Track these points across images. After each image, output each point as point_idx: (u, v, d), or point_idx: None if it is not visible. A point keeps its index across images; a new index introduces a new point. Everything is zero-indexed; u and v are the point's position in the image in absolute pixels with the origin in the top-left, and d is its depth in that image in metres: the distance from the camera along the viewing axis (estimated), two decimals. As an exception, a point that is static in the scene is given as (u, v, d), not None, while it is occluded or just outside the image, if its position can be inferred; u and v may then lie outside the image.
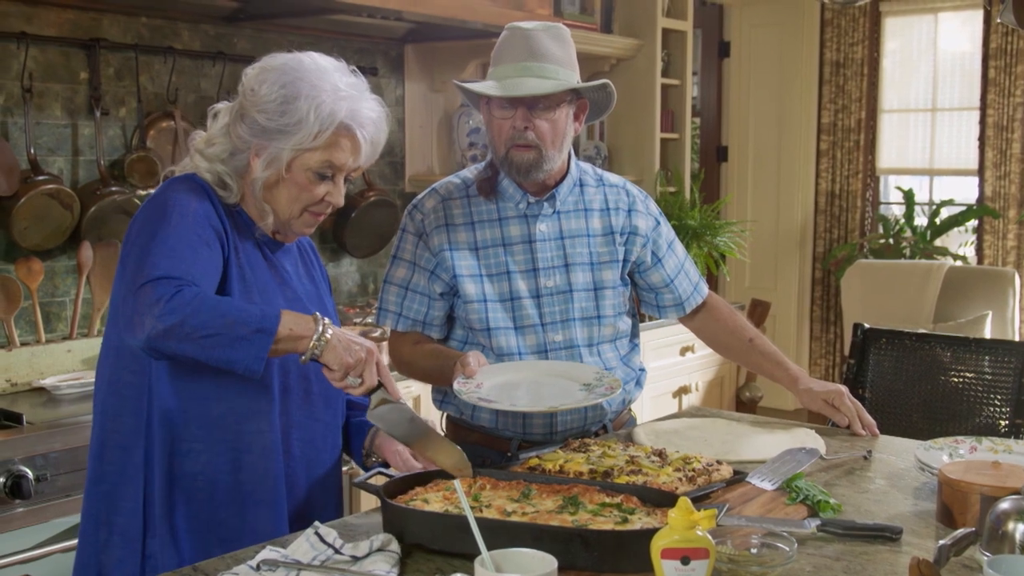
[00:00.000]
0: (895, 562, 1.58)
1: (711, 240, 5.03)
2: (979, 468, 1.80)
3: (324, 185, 1.86)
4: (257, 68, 1.86)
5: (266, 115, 1.81)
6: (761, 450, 2.15)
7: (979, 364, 2.81)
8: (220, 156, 1.85)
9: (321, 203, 1.88)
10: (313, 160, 1.83)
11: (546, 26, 2.25)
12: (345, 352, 1.70)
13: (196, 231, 1.74)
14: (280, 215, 1.87)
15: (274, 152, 1.81)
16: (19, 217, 3.09)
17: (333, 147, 1.83)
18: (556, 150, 2.25)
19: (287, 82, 1.81)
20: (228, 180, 1.85)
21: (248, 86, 1.85)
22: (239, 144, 1.84)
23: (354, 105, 1.83)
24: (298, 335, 1.68)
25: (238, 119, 1.85)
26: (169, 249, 1.69)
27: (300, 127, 1.79)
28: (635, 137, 5.26)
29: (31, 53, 3.16)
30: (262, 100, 1.81)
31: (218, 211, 1.82)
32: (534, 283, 2.30)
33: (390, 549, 1.57)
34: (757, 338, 2.52)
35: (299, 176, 1.83)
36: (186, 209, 1.76)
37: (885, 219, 6.40)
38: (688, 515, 1.39)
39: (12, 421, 2.78)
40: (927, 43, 6.33)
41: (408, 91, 4.33)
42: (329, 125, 1.80)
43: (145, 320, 1.62)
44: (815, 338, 6.68)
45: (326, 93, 1.80)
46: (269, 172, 1.83)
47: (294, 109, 1.79)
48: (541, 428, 2.30)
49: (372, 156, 1.92)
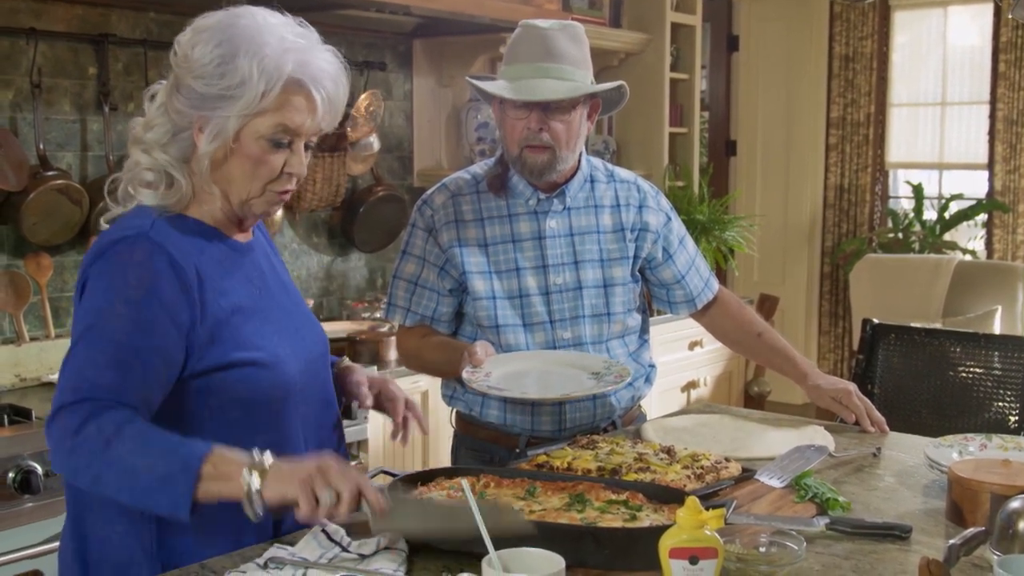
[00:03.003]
0: (905, 561, 1.58)
1: (719, 235, 5.02)
2: (989, 466, 1.79)
3: (280, 154, 1.64)
4: (189, 31, 1.64)
5: (203, 80, 1.59)
6: (770, 447, 2.15)
7: (988, 359, 2.80)
8: (161, 141, 1.64)
9: (281, 176, 1.66)
10: (264, 125, 1.61)
11: (562, 25, 2.23)
12: (293, 477, 1.47)
13: (142, 326, 1.55)
14: (235, 196, 1.66)
15: (219, 122, 1.60)
16: (28, 212, 3.10)
17: (285, 107, 1.61)
18: (570, 151, 2.24)
19: (223, 40, 1.59)
20: (174, 173, 1.64)
21: (181, 52, 1.63)
22: (179, 121, 1.62)
23: (303, 56, 1.61)
24: (224, 474, 1.47)
25: (174, 91, 1.63)
26: (97, 359, 1.53)
27: (243, 88, 1.58)
28: (644, 131, 5.25)
29: (40, 49, 3.16)
30: (196, 64, 1.59)
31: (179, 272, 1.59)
32: (543, 280, 2.29)
33: (398, 547, 1.57)
34: (766, 332, 2.51)
35: (250, 147, 1.62)
36: (130, 295, 1.56)
37: (894, 213, 6.38)
38: (696, 514, 1.38)
39: (22, 416, 2.79)
40: (937, 37, 6.30)
41: (416, 86, 4.32)
42: (276, 81, 1.58)
43: (57, 455, 1.53)
44: (824, 333, 6.67)
45: (269, 47, 1.59)
46: (215, 145, 1.61)
47: (234, 69, 1.57)
48: (550, 424, 2.30)
49: (334, 117, 1.68)
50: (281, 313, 1.77)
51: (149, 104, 1.68)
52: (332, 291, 4.13)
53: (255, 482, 1.47)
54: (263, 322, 1.71)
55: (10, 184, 3.07)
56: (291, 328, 1.78)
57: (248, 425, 1.67)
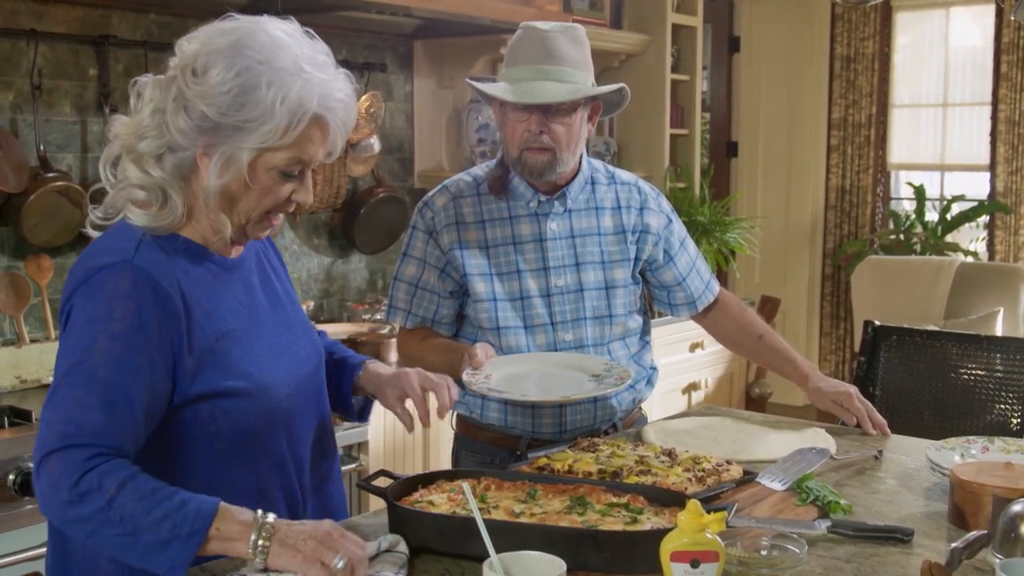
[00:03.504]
0: (906, 564, 1.57)
1: (720, 236, 5.02)
2: (991, 469, 1.78)
3: (290, 184, 1.59)
4: (197, 43, 1.54)
5: (217, 108, 1.50)
6: (771, 450, 2.14)
7: (990, 361, 2.79)
8: (154, 153, 1.53)
9: (286, 203, 1.61)
10: (278, 158, 1.55)
11: (563, 27, 2.23)
12: (300, 543, 1.43)
13: (128, 360, 1.48)
14: (236, 222, 1.59)
15: (229, 152, 1.52)
16: (29, 214, 3.10)
17: (303, 141, 1.55)
18: (571, 153, 2.23)
19: (243, 67, 1.51)
20: (170, 192, 1.55)
21: (187, 66, 1.53)
22: (180, 140, 1.53)
23: (325, 89, 1.55)
24: (228, 536, 1.43)
25: (179, 110, 1.52)
26: (84, 399, 1.45)
27: (263, 122, 1.50)
28: (645, 133, 5.24)
29: (40, 50, 3.16)
30: (212, 90, 1.50)
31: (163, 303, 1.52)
32: (544, 282, 2.29)
33: (398, 550, 1.56)
34: (767, 334, 2.51)
35: (262, 178, 1.55)
36: (115, 330, 1.48)
37: (896, 215, 6.38)
38: (698, 518, 1.37)
39: (21, 418, 2.78)
40: (938, 38, 6.30)
41: (417, 87, 4.32)
42: (300, 118, 1.52)
43: (50, 506, 1.46)
44: (825, 334, 6.66)
45: (291, 76, 1.51)
46: (228, 179, 1.54)
47: (254, 101, 1.50)
48: (550, 426, 2.30)
49: (342, 142, 1.64)
50: (272, 331, 1.71)
51: (136, 101, 1.56)
52: (333, 293, 4.13)
53: (259, 553, 1.43)
54: (251, 344, 1.65)
55: (10, 186, 3.06)
56: (281, 346, 1.71)
57: (235, 455, 1.63)
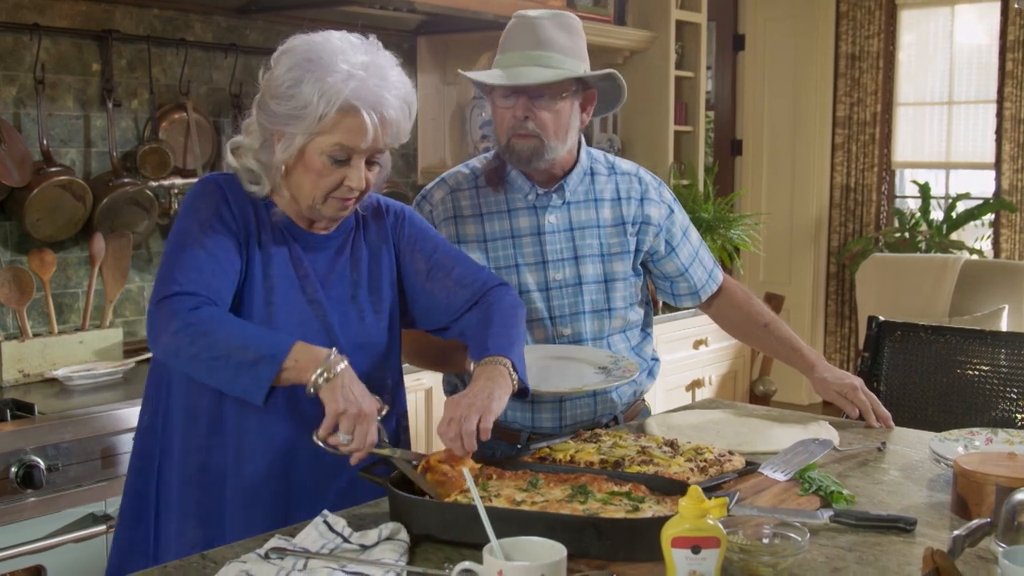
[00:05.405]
0: (909, 553, 1.56)
1: (725, 233, 5.01)
2: (995, 459, 1.78)
3: (341, 169, 1.81)
4: (279, 51, 1.84)
5: (277, 100, 1.79)
6: (774, 442, 2.13)
7: (995, 357, 2.78)
8: (252, 146, 1.85)
9: (342, 187, 1.83)
10: (325, 143, 1.79)
11: (553, 14, 2.22)
12: (341, 397, 1.67)
13: (215, 239, 1.78)
14: (303, 201, 1.85)
15: (289, 137, 1.79)
16: (32, 208, 3.10)
17: (339, 128, 1.78)
18: (559, 140, 2.21)
19: (295, 64, 1.78)
20: (260, 172, 1.85)
21: (267, 66, 1.85)
22: (264, 131, 1.84)
23: (363, 84, 1.77)
24: (303, 367, 1.68)
25: (259, 106, 1.85)
26: (189, 262, 1.75)
27: (306, 111, 1.76)
28: (648, 130, 5.24)
29: (44, 45, 3.16)
30: (274, 84, 1.80)
31: (234, 210, 1.83)
32: (543, 276, 2.28)
33: (399, 538, 1.56)
34: (773, 323, 2.49)
35: (314, 161, 1.80)
36: (204, 217, 1.80)
37: (901, 213, 6.36)
38: (699, 503, 1.37)
39: (24, 411, 2.78)
40: (943, 36, 6.29)
41: (420, 83, 4.32)
42: (331, 107, 1.76)
43: (160, 336, 1.72)
44: (830, 332, 6.65)
45: (334, 74, 1.76)
46: (286, 156, 1.81)
47: (300, 92, 1.76)
48: (549, 420, 2.28)
49: (395, 137, 1.87)
50: (319, 308, 1.87)
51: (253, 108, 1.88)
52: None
53: (320, 382, 1.67)
54: (281, 307, 1.84)
55: (13, 180, 3.07)
56: (321, 322, 1.87)
57: None
